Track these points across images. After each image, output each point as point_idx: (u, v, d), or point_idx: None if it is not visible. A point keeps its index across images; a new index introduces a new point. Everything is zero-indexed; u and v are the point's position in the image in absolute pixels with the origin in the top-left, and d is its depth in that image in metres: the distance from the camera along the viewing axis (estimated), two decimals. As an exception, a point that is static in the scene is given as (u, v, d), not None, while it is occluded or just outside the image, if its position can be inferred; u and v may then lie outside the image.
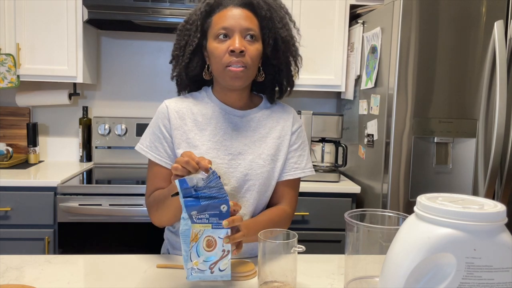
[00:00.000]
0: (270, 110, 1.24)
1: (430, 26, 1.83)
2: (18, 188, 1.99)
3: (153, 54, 2.66)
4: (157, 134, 1.18)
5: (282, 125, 1.23)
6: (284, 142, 1.22)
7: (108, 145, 2.57)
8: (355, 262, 0.93)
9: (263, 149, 1.18)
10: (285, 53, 1.18)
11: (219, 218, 0.89)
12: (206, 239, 0.88)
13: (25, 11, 2.23)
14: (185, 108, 1.19)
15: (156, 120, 1.19)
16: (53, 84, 2.54)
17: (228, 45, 1.09)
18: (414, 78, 1.85)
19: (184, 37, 1.17)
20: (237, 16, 1.10)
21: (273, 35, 1.15)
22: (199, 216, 0.88)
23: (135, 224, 2.02)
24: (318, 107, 2.78)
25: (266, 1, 1.14)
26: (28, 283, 0.97)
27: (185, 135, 1.16)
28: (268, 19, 1.13)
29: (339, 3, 2.37)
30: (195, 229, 0.87)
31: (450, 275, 0.64)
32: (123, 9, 2.16)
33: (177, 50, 1.19)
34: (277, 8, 1.17)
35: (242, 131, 1.19)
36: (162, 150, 1.17)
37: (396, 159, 1.88)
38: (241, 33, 1.10)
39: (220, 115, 1.19)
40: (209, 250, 0.89)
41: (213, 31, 1.12)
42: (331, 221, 2.15)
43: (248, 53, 1.10)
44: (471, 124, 1.89)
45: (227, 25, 1.09)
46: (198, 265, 0.88)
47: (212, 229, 0.88)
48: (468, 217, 0.64)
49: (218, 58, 1.11)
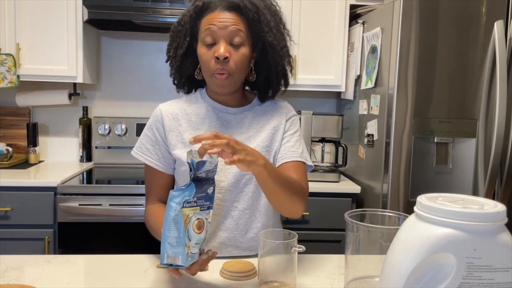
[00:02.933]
0: (263, 106, 1.25)
1: (430, 26, 1.83)
2: (18, 188, 1.99)
3: (153, 54, 2.66)
4: (150, 137, 1.20)
5: (276, 118, 1.23)
6: (279, 131, 1.21)
7: (108, 145, 2.57)
8: (355, 262, 0.93)
9: (257, 143, 1.19)
10: (273, 56, 1.17)
11: (204, 200, 0.89)
12: (197, 221, 0.88)
13: (25, 11, 2.23)
14: (178, 109, 1.21)
15: (150, 124, 1.22)
16: (53, 84, 2.54)
17: (214, 51, 1.09)
18: (414, 78, 1.85)
19: (176, 39, 1.18)
20: (223, 21, 1.09)
21: (261, 38, 1.14)
22: (188, 200, 0.87)
23: (135, 224, 2.02)
24: (318, 107, 2.78)
25: (253, 3, 1.11)
26: (28, 283, 0.97)
27: (180, 136, 1.18)
28: (256, 22, 1.12)
29: (339, 3, 2.37)
30: (184, 214, 0.87)
31: (450, 275, 0.64)
32: (123, 9, 2.17)
33: (170, 52, 1.20)
34: (265, 10, 1.14)
35: (236, 128, 1.20)
36: (153, 153, 1.19)
37: (396, 159, 1.88)
38: (227, 38, 1.09)
39: (214, 114, 1.21)
40: (199, 232, 0.89)
41: (201, 36, 1.12)
42: (331, 221, 2.15)
43: (232, 59, 1.10)
44: (471, 124, 1.89)
45: (213, 30, 1.09)
46: (190, 249, 0.87)
47: (200, 212, 0.89)
48: (468, 217, 0.64)
49: (205, 64, 1.12)
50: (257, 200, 1.20)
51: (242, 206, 1.17)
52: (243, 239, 1.18)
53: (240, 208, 1.17)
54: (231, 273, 1.03)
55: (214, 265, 1.10)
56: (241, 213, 1.17)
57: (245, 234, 1.18)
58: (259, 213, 1.20)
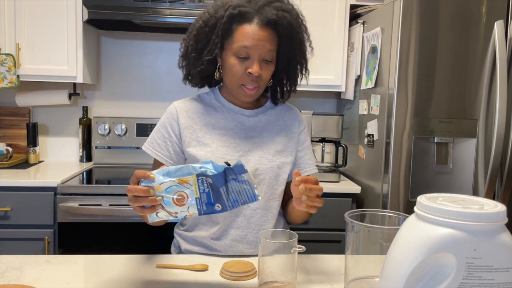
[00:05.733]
0: (276, 109, 1.29)
1: (430, 26, 1.83)
2: (18, 188, 1.99)
3: (153, 54, 2.66)
4: (162, 133, 1.21)
5: (289, 125, 1.28)
6: (292, 139, 1.26)
7: (108, 145, 2.57)
8: (355, 262, 0.93)
9: (271, 145, 1.22)
10: (294, 68, 1.22)
11: (208, 195, 0.89)
12: (183, 194, 0.88)
13: (25, 11, 2.22)
14: (193, 108, 1.23)
15: (164, 120, 1.23)
16: (53, 84, 2.54)
17: (246, 66, 1.12)
18: (414, 78, 1.85)
19: (201, 40, 1.16)
20: (259, 38, 1.10)
21: (288, 55, 1.18)
22: (205, 173, 0.87)
23: (135, 224, 2.02)
24: (318, 107, 2.78)
25: (288, 20, 1.12)
26: (28, 283, 0.97)
27: (195, 134, 1.20)
28: (287, 40, 1.14)
29: (339, 3, 2.37)
30: (189, 180, 0.88)
31: (450, 275, 0.64)
32: (123, 9, 2.16)
33: (194, 52, 1.17)
34: (296, 26, 1.16)
35: (250, 130, 1.23)
36: (164, 149, 1.20)
37: (396, 159, 1.88)
38: (260, 56, 1.12)
39: (229, 115, 1.23)
40: (178, 204, 0.89)
41: (234, 46, 1.12)
42: (331, 221, 2.15)
43: (263, 76, 1.14)
44: (471, 124, 1.89)
45: (249, 46, 1.10)
46: (160, 199, 0.88)
47: (195, 193, 0.89)
48: (468, 217, 0.64)
49: (235, 75, 1.14)
50: (269, 201, 1.22)
51: (254, 205, 1.19)
52: (254, 237, 1.20)
53: (252, 207, 1.19)
54: (231, 273, 1.03)
55: (214, 265, 1.10)
56: (253, 212, 1.19)
57: (257, 233, 1.19)
58: (271, 214, 1.23)
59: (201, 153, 1.18)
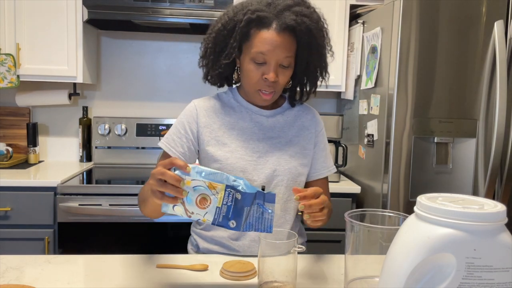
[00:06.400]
0: (294, 110, 1.29)
1: (430, 26, 1.83)
2: (18, 188, 1.99)
3: (153, 54, 2.66)
4: (179, 130, 1.21)
5: (307, 125, 1.28)
6: (310, 140, 1.27)
7: (108, 145, 2.57)
8: (355, 262, 0.92)
9: (289, 146, 1.23)
10: (313, 72, 1.22)
11: (228, 207, 0.89)
12: (207, 198, 0.88)
13: (25, 11, 2.22)
14: (212, 107, 1.23)
15: (182, 118, 1.23)
16: (53, 84, 2.54)
17: (263, 71, 1.12)
18: (414, 78, 1.85)
19: (219, 43, 1.16)
20: (276, 45, 1.09)
21: (307, 60, 1.17)
22: (235, 186, 0.88)
23: (135, 224, 2.02)
24: (318, 107, 2.77)
25: (307, 26, 1.10)
26: (28, 283, 0.97)
27: (214, 133, 1.20)
28: (306, 46, 1.13)
29: (339, 3, 2.37)
30: (218, 186, 0.87)
31: (450, 275, 0.64)
32: (123, 9, 2.16)
33: (212, 55, 1.18)
34: (316, 31, 1.13)
35: (268, 131, 1.23)
36: (178, 144, 1.19)
37: (396, 159, 1.88)
38: (277, 62, 1.11)
39: (247, 115, 1.24)
40: (201, 207, 0.88)
41: (251, 51, 1.11)
42: (331, 221, 2.12)
43: (279, 81, 1.14)
44: (471, 124, 1.89)
45: (266, 52, 1.09)
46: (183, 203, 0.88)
47: (218, 201, 0.88)
48: (468, 217, 0.64)
49: (251, 80, 1.14)
50: (287, 202, 1.23)
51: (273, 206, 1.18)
52: None
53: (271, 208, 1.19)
54: (231, 273, 1.03)
55: (214, 265, 1.10)
56: None
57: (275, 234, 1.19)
58: (289, 215, 1.24)
59: (220, 153, 1.18)
